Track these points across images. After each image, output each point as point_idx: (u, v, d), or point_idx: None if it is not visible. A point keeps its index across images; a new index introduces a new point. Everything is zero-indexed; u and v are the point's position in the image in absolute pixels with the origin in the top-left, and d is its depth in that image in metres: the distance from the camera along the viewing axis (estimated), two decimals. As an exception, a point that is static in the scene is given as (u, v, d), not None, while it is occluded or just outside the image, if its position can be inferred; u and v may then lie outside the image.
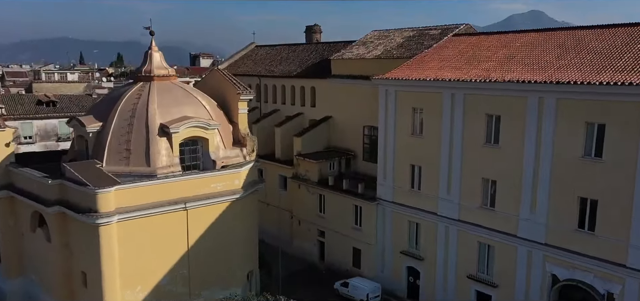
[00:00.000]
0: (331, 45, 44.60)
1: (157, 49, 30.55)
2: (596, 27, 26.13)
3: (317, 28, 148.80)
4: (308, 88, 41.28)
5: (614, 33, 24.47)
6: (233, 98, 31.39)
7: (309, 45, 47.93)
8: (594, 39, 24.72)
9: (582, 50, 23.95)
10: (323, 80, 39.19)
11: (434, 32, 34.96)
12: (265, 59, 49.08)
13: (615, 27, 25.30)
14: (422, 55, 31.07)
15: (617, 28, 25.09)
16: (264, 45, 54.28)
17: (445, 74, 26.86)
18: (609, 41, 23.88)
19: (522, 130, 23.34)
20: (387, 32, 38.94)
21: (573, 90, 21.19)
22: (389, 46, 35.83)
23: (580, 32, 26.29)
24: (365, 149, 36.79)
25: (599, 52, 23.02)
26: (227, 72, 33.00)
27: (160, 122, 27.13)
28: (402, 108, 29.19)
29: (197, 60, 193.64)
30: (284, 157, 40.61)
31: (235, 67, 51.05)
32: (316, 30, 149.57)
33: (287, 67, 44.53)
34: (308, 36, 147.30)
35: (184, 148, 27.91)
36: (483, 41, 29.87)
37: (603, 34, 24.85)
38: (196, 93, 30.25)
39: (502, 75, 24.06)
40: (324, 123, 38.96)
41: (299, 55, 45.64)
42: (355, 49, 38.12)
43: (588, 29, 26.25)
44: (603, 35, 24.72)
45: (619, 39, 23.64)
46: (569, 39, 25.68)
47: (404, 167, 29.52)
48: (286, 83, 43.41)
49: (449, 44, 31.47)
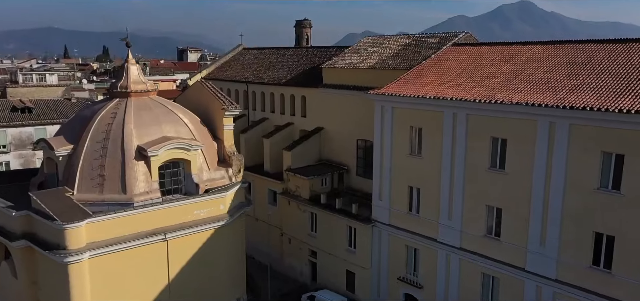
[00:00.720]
0: (322, 50, 42.49)
1: (135, 62, 28.24)
2: (606, 41, 24.35)
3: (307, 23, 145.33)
4: (298, 97, 39.14)
5: (628, 49, 22.69)
6: (218, 114, 29.22)
7: (298, 49, 45.73)
8: (606, 56, 22.91)
9: (595, 69, 22.12)
10: (314, 89, 37.10)
11: (431, 40, 32.97)
12: (253, 64, 46.79)
13: (627, 42, 23.52)
14: (420, 67, 29.10)
15: (629, 44, 23.31)
16: (252, 48, 51.97)
17: (447, 92, 24.92)
18: (624, 59, 22.09)
19: (531, 156, 21.51)
20: (381, 39, 36.89)
21: (589, 117, 19.32)
22: (384, 55, 33.79)
23: (589, 46, 24.48)
24: (359, 163, 34.82)
25: (615, 73, 21.20)
26: (212, 84, 30.72)
27: (138, 144, 24.90)
28: (399, 126, 27.23)
29: (185, 55, 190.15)
30: (273, 169, 38.55)
31: (222, 71, 48.73)
32: (306, 24, 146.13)
33: (276, 73, 42.32)
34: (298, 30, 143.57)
35: (164, 171, 25.73)
36: (485, 53, 27.94)
37: (615, 50, 23.06)
38: (177, 109, 28.00)
39: (508, 96, 22.16)
40: (316, 136, 36.90)
41: (289, 60, 43.43)
42: (347, 56, 36.02)
43: (597, 44, 24.44)
44: (615, 52, 22.93)
45: (636, 56, 21.83)
46: (579, 55, 23.85)
47: (401, 188, 27.63)
48: (275, 91, 41.23)
49: (449, 55, 29.52)
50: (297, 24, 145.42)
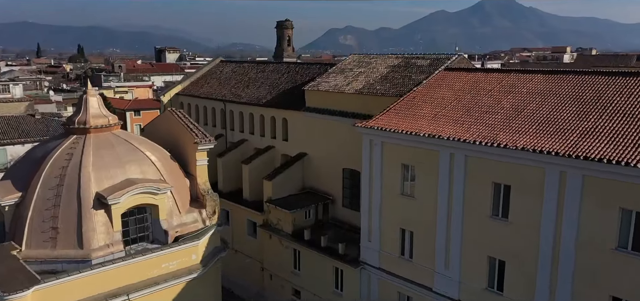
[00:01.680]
0: (304, 66, 39.88)
1: (95, 93, 25.22)
2: (615, 74, 22.32)
3: (288, 23, 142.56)
4: (279, 120, 36.46)
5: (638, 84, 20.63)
6: (190, 147, 26.41)
7: (279, 64, 42.99)
8: (616, 91, 20.86)
9: (607, 108, 20.00)
10: (296, 112, 34.47)
11: (422, 62, 30.62)
12: (231, 79, 43.89)
13: (634, 76, 21.51)
14: (411, 96, 26.70)
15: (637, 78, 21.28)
16: (230, 61, 49.14)
17: (442, 128, 22.57)
18: (637, 96, 20.00)
19: (538, 206, 19.30)
20: (368, 58, 34.41)
21: (606, 170, 17.15)
22: (372, 77, 31.33)
23: (595, 78, 22.44)
24: (345, 194, 32.38)
25: (630, 115, 19.08)
26: (183, 114, 27.81)
27: (97, 191, 21.99)
28: (389, 163, 24.82)
29: (163, 55, 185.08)
30: (252, 197, 35.90)
31: (198, 87, 45.71)
32: (287, 25, 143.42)
33: (256, 91, 39.53)
34: (279, 31, 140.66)
35: (129, 218, 22.89)
36: (481, 82, 25.69)
37: (627, 86, 20.99)
38: (143, 145, 25.08)
39: (512, 139, 19.89)
40: (298, 163, 34.31)
41: (269, 77, 40.66)
42: (332, 78, 33.46)
43: (603, 76, 22.46)
44: (626, 87, 20.86)
45: (651, 95, 19.77)
46: (586, 90, 21.73)
47: (392, 230, 25.25)
48: (254, 111, 38.46)
49: (442, 82, 27.20)
50: (278, 25, 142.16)
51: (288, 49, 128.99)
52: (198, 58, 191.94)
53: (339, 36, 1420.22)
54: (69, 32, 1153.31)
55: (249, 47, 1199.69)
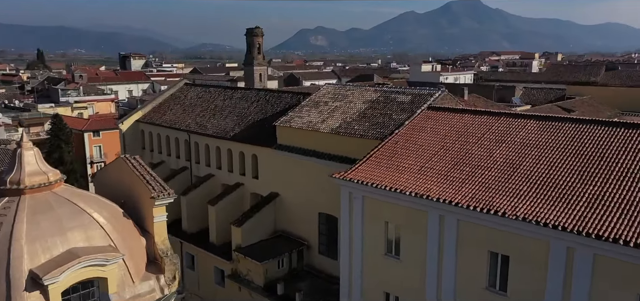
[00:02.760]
0: (276, 94, 37.02)
1: (31, 146, 21.76)
2: (614, 124, 20.45)
3: (258, 31, 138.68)
4: (249, 156, 33.55)
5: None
6: (146, 202, 23.19)
7: (248, 90, 39.99)
8: (621, 146, 18.90)
9: (613, 169, 17.98)
10: (267, 148, 31.64)
11: (402, 98, 28.26)
12: (196, 105, 40.62)
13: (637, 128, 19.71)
14: (393, 141, 24.27)
15: None
16: (196, 84, 45.83)
17: (430, 185, 20.20)
18: (645, 154, 18.13)
19: (542, 282, 17.12)
20: (344, 90, 31.87)
21: (622, 252, 15.04)
22: (348, 114, 28.80)
23: (594, 129, 20.55)
24: (321, 240, 29.79)
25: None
26: (138, 162, 24.53)
27: (31, 269, 18.63)
28: (371, 220, 22.31)
29: (128, 62, 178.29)
30: (220, 240, 32.93)
31: (160, 113, 42.23)
32: (257, 32, 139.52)
33: (223, 122, 36.45)
34: (249, 39, 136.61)
35: (71, 295, 19.61)
36: (469, 126, 23.50)
37: (630, 138, 19.08)
38: (90, 204, 21.71)
39: (511, 206, 17.66)
40: (270, 205, 31.48)
41: (237, 105, 37.63)
42: (305, 112, 30.77)
43: (603, 126, 20.55)
44: (631, 142, 18.96)
45: (661, 154, 17.87)
46: (586, 142, 19.76)
47: (375, 293, 22.75)
48: (222, 145, 35.41)
49: (426, 124, 24.89)
50: (248, 32, 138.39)
51: (258, 57, 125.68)
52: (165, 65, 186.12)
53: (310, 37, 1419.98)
54: (36, 33, 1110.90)
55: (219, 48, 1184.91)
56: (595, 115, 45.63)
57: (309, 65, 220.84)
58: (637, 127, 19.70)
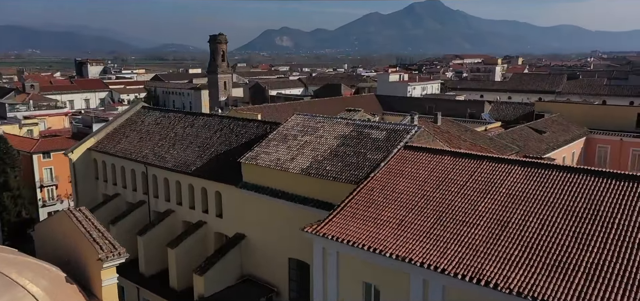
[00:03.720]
0: (240, 123, 34.58)
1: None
2: (602, 174, 19.23)
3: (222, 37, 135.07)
4: (212, 192, 31.07)
5: (640, 194, 17.59)
6: (93, 263, 20.50)
7: (211, 117, 37.37)
8: (614, 203, 17.65)
9: (611, 230, 16.65)
10: (231, 186, 29.27)
11: (376, 133, 26.49)
12: (155, 133, 37.72)
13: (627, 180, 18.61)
14: (369, 187, 22.44)
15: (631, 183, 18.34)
16: (154, 108, 42.80)
17: (412, 245, 18.45)
18: (639, 212, 16.92)
19: (536, 360, 15.53)
20: (314, 122, 29.83)
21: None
22: (319, 151, 26.80)
23: (584, 179, 19.26)
24: (292, 286, 27.66)
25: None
26: (85, 216, 21.75)
27: None
28: (347, 278, 20.39)
29: (85, 68, 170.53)
30: (181, 285, 30.45)
31: (115, 141, 39.06)
32: (221, 40, 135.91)
33: (183, 153, 33.79)
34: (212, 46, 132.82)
35: None
36: (449, 171, 21.93)
37: (622, 193, 17.88)
38: (25, 271, 18.87)
39: (503, 277, 16.07)
40: (235, 248, 29.11)
41: (199, 134, 35.02)
42: (272, 147, 28.57)
43: (592, 176, 19.29)
44: (624, 197, 17.75)
45: (657, 214, 16.67)
46: (579, 198, 18.42)
47: (353, 358, 20.79)
48: (182, 180, 32.76)
49: (403, 167, 23.18)
50: (211, 39, 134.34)
51: (222, 64, 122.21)
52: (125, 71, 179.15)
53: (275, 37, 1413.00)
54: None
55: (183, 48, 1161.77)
56: (564, 134, 45.50)
57: (275, 70, 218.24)
58: (632, 179, 18.53)
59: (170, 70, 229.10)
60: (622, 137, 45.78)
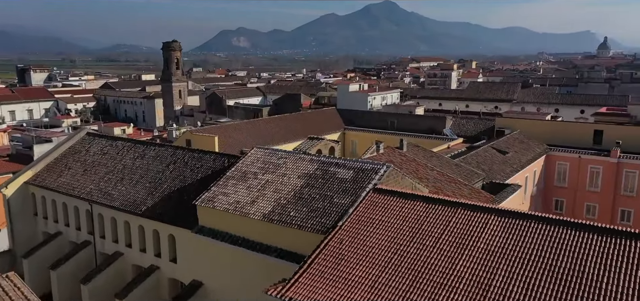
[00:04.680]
0: (196, 155, 32.13)
1: None
2: (581, 227, 18.33)
3: (176, 45, 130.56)
4: (165, 235, 28.51)
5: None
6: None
7: (163, 147, 34.64)
8: (597, 261, 16.70)
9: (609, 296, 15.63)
10: (186, 230, 26.85)
11: (343, 173, 24.83)
12: (100, 165, 34.61)
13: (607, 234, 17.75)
14: (338, 240, 20.73)
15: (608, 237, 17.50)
16: (100, 135, 39.41)
17: (388, 313, 16.81)
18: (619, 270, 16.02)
19: None
20: (275, 157, 27.83)
21: None
22: (282, 192, 24.85)
23: (564, 233, 18.28)
24: (254, 339, 25.53)
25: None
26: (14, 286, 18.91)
27: None
28: (317, 346, 18.53)
29: (28, 75, 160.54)
30: (132, 339, 27.50)
31: (55, 174, 35.61)
32: (175, 47, 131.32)
33: (132, 189, 30.99)
34: (166, 53, 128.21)
35: None
36: (423, 218, 20.56)
37: (604, 251, 16.96)
38: None
39: (489, 353, 14.66)
40: (193, 297, 26.68)
41: (150, 167, 32.31)
42: (231, 186, 26.38)
43: (572, 230, 18.39)
44: (605, 255, 16.84)
45: (643, 277, 15.80)
46: (560, 254, 17.40)
47: None
48: (131, 220, 29.99)
49: (373, 214, 21.62)
50: (164, 47, 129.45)
51: (177, 72, 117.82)
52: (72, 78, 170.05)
53: (231, 38, 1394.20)
54: None
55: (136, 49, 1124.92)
56: (526, 153, 45.56)
57: (233, 75, 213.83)
58: (614, 234, 17.64)
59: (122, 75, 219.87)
60: (581, 155, 46.30)
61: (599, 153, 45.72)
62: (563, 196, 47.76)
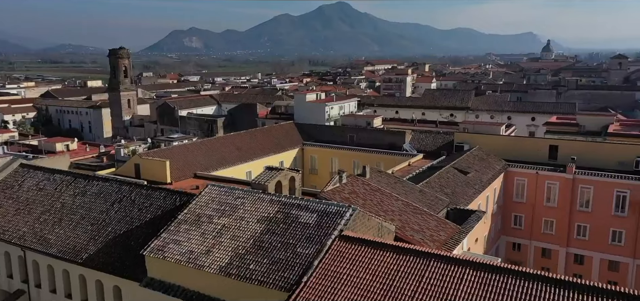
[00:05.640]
0: (144, 192, 29.45)
1: None
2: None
3: (123, 52, 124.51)
4: (109, 287, 25.75)
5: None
6: None
7: (108, 183, 31.59)
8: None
9: None
10: (133, 282, 24.27)
11: (305, 216, 23.08)
12: (35, 203, 31.23)
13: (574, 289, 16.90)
14: (304, 298, 18.95)
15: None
16: (36, 167, 35.74)
17: None
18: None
19: None
20: (232, 197, 25.65)
21: None
22: (240, 239, 22.80)
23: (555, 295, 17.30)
24: None
25: None
26: None
27: None
28: None
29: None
30: None
31: (-17, 213, 31.79)
32: (122, 54, 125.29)
33: (71, 234, 27.98)
34: (113, 61, 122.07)
35: None
36: (394, 272, 19.19)
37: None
38: None
39: None
40: (141, 358, 24.15)
41: (93, 206, 29.35)
42: (183, 231, 24.05)
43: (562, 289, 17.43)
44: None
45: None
46: (539, 312, 16.36)
47: None
48: (71, 269, 26.99)
49: (341, 269, 20.02)
50: (111, 54, 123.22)
51: (125, 81, 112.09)
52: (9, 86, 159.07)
53: (183, 38, 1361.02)
54: None
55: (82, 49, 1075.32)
56: (486, 171, 45.46)
57: (185, 81, 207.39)
58: (594, 292, 16.80)
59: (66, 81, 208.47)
60: (538, 171, 46.71)
61: (556, 169, 46.28)
62: (522, 212, 48.09)
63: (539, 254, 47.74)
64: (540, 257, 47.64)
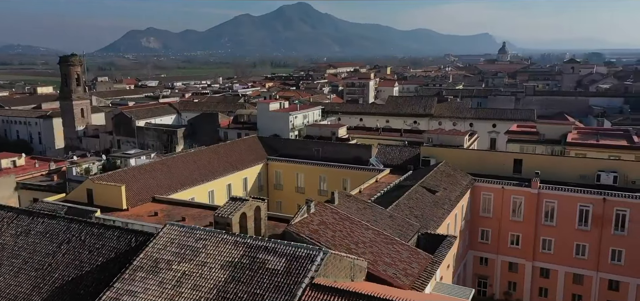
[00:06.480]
0: (96, 233, 26.97)
1: None
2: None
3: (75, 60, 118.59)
4: (56, 343, 23.30)
5: None
6: None
7: (55, 221, 28.81)
8: None
9: None
10: (84, 338, 21.99)
11: (274, 261, 21.51)
12: (-28, 244, 28.12)
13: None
14: (273, 362, 17.37)
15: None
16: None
17: None
18: None
19: None
20: (194, 240, 23.72)
21: None
22: (202, 290, 20.98)
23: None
24: None
25: None
26: None
27: None
28: None
29: None
30: None
31: None
32: (74, 62, 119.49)
33: (12, 281, 25.32)
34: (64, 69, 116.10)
35: None
36: (372, 328, 17.84)
37: None
38: None
39: None
40: None
41: (37, 247, 26.70)
42: (139, 280, 21.98)
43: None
44: None
45: None
46: None
47: None
48: (12, 323, 24.30)
49: (314, 322, 18.56)
50: (61, 61, 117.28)
51: (78, 89, 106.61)
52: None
53: (140, 38, 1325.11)
54: None
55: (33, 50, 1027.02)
56: (454, 188, 45.10)
57: (143, 86, 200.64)
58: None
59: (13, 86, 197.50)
60: (504, 185, 46.83)
61: (521, 184, 46.53)
62: (489, 226, 48.15)
63: (505, 268, 47.92)
64: (507, 271, 47.82)
